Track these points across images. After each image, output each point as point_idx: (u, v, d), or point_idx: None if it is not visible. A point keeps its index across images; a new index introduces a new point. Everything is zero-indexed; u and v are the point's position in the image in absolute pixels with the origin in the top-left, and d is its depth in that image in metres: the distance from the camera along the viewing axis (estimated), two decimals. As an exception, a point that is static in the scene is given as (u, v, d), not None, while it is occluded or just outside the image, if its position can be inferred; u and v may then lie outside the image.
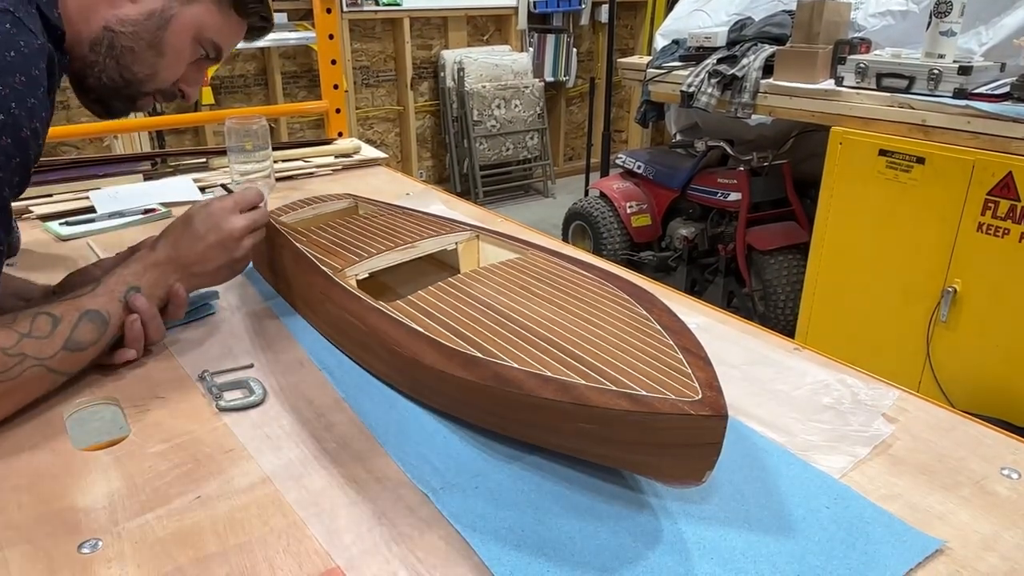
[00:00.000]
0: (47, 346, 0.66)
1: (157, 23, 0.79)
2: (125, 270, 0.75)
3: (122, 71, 0.79)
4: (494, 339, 0.62)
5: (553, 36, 4.69)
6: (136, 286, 0.74)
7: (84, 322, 0.69)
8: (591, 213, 3.12)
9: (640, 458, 0.54)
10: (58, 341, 0.67)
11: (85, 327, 0.69)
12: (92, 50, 0.77)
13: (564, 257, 0.81)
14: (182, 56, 0.83)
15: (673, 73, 2.67)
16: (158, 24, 0.79)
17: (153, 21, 0.79)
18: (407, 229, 0.91)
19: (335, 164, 1.63)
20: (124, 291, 0.74)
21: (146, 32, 0.78)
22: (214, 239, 0.79)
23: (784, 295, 2.55)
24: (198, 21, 0.82)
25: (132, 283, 0.74)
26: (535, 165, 4.76)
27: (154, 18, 0.79)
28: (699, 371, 0.54)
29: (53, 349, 0.66)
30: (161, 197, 1.36)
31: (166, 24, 0.79)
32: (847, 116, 2.09)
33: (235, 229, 0.80)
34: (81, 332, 0.69)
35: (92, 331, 0.70)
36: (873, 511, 0.56)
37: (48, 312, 0.68)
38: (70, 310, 0.69)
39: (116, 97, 0.82)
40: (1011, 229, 1.76)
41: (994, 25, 2.05)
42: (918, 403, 0.71)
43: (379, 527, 0.54)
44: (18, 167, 0.64)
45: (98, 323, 0.70)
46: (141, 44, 0.79)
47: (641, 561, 0.51)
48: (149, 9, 0.79)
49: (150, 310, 0.75)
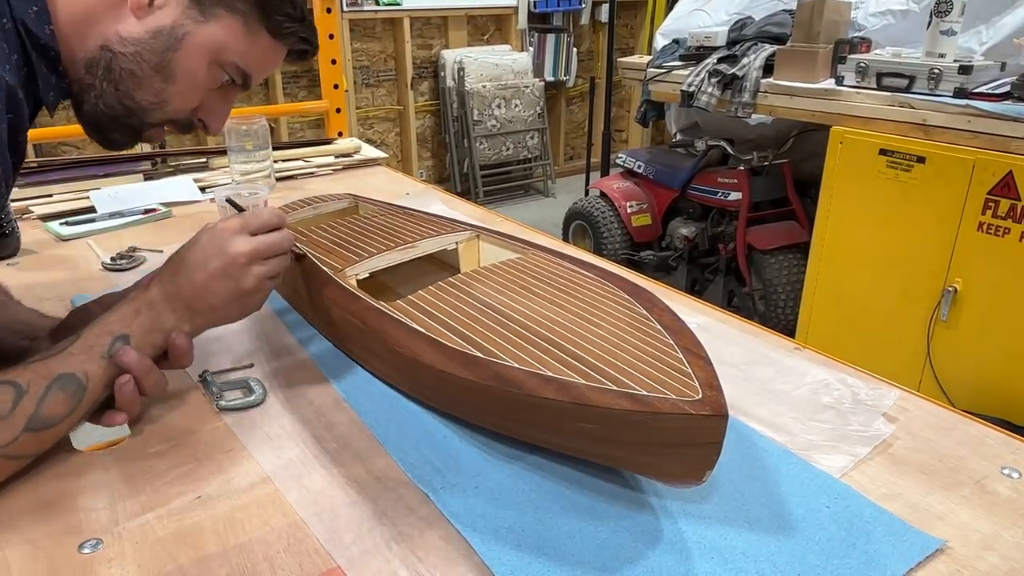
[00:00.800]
0: (5, 429, 0.54)
1: (165, 43, 0.66)
2: (111, 317, 0.63)
3: (122, 98, 0.67)
4: (494, 339, 0.62)
5: (553, 36, 4.69)
6: (123, 335, 0.62)
7: (54, 392, 0.57)
8: (591, 213, 3.12)
9: (640, 458, 0.54)
10: (19, 421, 0.55)
11: (55, 399, 0.57)
12: (88, 71, 0.66)
13: (564, 257, 0.81)
14: (197, 82, 0.69)
15: (673, 72, 2.66)
16: (166, 44, 0.66)
17: (160, 41, 0.66)
18: (407, 229, 0.91)
19: (335, 164, 1.63)
20: (108, 345, 0.61)
21: (151, 54, 0.66)
22: (216, 266, 0.65)
23: (784, 295, 2.55)
24: (216, 42, 0.68)
25: (119, 332, 0.62)
26: (535, 165, 4.76)
27: (161, 37, 0.66)
28: (699, 371, 0.54)
29: (13, 433, 0.55)
30: (161, 197, 1.36)
31: (176, 45, 0.66)
32: (847, 115, 2.09)
33: (239, 253, 0.66)
34: (50, 405, 0.57)
35: (64, 402, 0.58)
36: (873, 510, 0.56)
37: (11, 380, 0.56)
38: (37, 378, 0.57)
39: (116, 127, 0.70)
40: (1011, 228, 1.76)
41: (994, 24, 2.05)
42: (918, 402, 0.71)
43: (379, 527, 0.54)
44: None
45: (72, 390, 0.58)
46: (145, 68, 0.66)
47: (641, 560, 0.51)
48: (156, 26, 0.66)
49: (141, 364, 0.62)
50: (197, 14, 0.67)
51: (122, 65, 0.65)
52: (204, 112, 0.73)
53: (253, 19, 0.69)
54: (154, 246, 1.13)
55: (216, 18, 0.67)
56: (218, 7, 0.67)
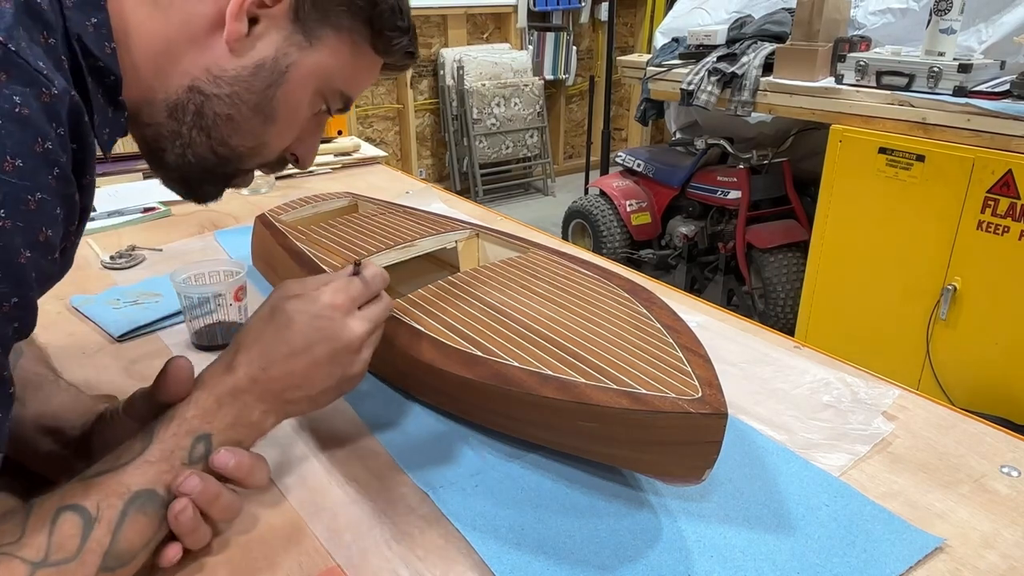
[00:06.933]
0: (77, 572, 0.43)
1: (268, 79, 0.54)
2: (188, 410, 0.51)
3: (215, 146, 0.55)
4: (494, 337, 0.62)
5: (553, 34, 4.69)
6: (205, 434, 0.51)
7: (132, 516, 0.46)
8: (591, 211, 3.12)
9: (640, 456, 0.54)
10: (92, 560, 0.43)
11: (134, 525, 0.46)
12: (172, 116, 0.53)
13: (564, 255, 0.81)
14: (299, 116, 0.58)
15: (673, 71, 2.66)
16: (269, 80, 0.54)
17: (262, 77, 0.54)
18: (407, 228, 0.91)
19: (335, 163, 1.63)
20: (189, 447, 0.50)
21: (251, 93, 0.54)
22: (323, 353, 0.54)
23: (784, 293, 2.55)
24: (323, 69, 0.56)
25: (199, 430, 0.50)
26: (535, 163, 4.76)
27: (263, 73, 0.53)
28: (699, 369, 0.54)
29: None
30: (161, 195, 1.36)
31: (280, 79, 0.54)
32: (847, 114, 2.09)
33: (354, 339, 0.55)
34: (128, 534, 0.45)
35: (145, 528, 0.47)
36: (873, 509, 0.56)
37: (74, 505, 0.44)
38: (109, 499, 0.45)
39: (207, 179, 0.58)
40: (1011, 227, 1.76)
41: (994, 23, 2.05)
42: (918, 401, 0.71)
43: (379, 526, 0.54)
44: (16, 311, 0.40)
45: (152, 511, 0.47)
46: (243, 110, 0.54)
47: (641, 559, 0.51)
48: (257, 61, 0.53)
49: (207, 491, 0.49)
50: (302, 39, 0.54)
51: (216, 110, 0.53)
52: (296, 146, 0.61)
53: (359, 36, 0.57)
54: (154, 245, 1.13)
55: (322, 42, 0.55)
56: (324, 28, 0.55)
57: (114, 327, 0.85)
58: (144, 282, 0.99)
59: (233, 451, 0.51)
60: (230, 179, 0.59)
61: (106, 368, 0.78)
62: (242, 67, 0.53)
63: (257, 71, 0.53)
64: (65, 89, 0.41)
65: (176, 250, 1.12)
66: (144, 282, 0.99)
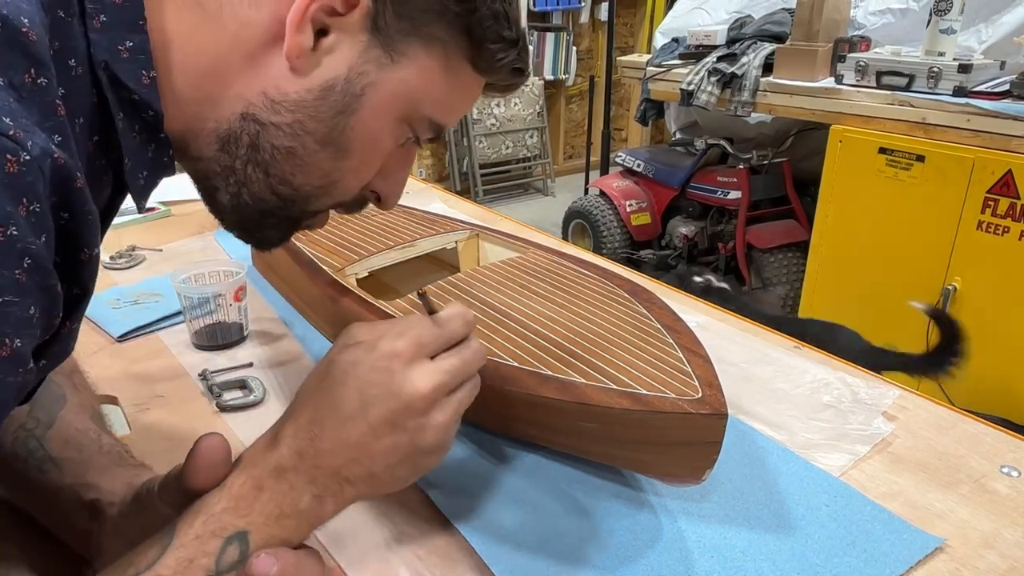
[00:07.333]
0: None
1: (338, 105, 0.43)
2: (217, 500, 0.41)
3: (275, 185, 0.45)
4: (494, 338, 0.62)
5: (552, 34, 4.68)
6: (240, 532, 0.40)
7: None
8: (591, 211, 3.12)
9: (640, 456, 0.54)
10: None
11: None
12: (224, 150, 0.44)
13: (564, 256, 0.81)
14: (379, 149, 0.47)
15: (673, 71, 2.66)
16: (339, 106, 0.43)
17: (331, 102, 0.43)
18: (407, 228, 0.91)
19: (335, 163, 1.63)
20: (215, 553, 0.39)
21: (317, 121, 0.44)
22: (379, 416, 0.42)
23: (784, 293, 2.55)
24: (408, 92, 0.45)
25: (231, 528, 0.40)
26: (535, 163, 4.76)
27: (332, 97, 0.43)
28: (699, 369, 0.54)
29: None
30: (160, 195, 1.36)
31: (354, 105, 0.44)
32: (847, 114, 2.09)
33: (416, 396, 0.43)
34: None
35: None
36: (873, 509, 0.56)
37: None
38: None
39: (267, 223, 0.49)
40: (1011, 227, 1.76)
41: (994, 23, 2.05)
42: (918, 401, 0.71)
43: (379, 527, 0.54)
44: None
45: None
46: (308, 142, 0.44)
47: (641, 559, 0.51)
48: (324, 81, 0.43)
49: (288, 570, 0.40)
50: (382, 55, 0.43)
51: (275, 142, 0.44)
52: (378, 182, 0.50)
53: (455, 51, 0.45)
54: (154, 245, 1.13)
55: (408, 57, 0.44)
56: (411, 40, 0.44)
57: (114, 327, 0.85)
58: (144, 282, 0.99)
59: (277, 554, 0.40)
60: (297, 223, 0.50)
61: (106, 368, 0.78)
62: (306, 90, 0.43)
63: (325, 95, 0.43)
64: (44, 151, 0.32)
65: (176, 250, 1.12)
66: (144, 282, 0.99)
